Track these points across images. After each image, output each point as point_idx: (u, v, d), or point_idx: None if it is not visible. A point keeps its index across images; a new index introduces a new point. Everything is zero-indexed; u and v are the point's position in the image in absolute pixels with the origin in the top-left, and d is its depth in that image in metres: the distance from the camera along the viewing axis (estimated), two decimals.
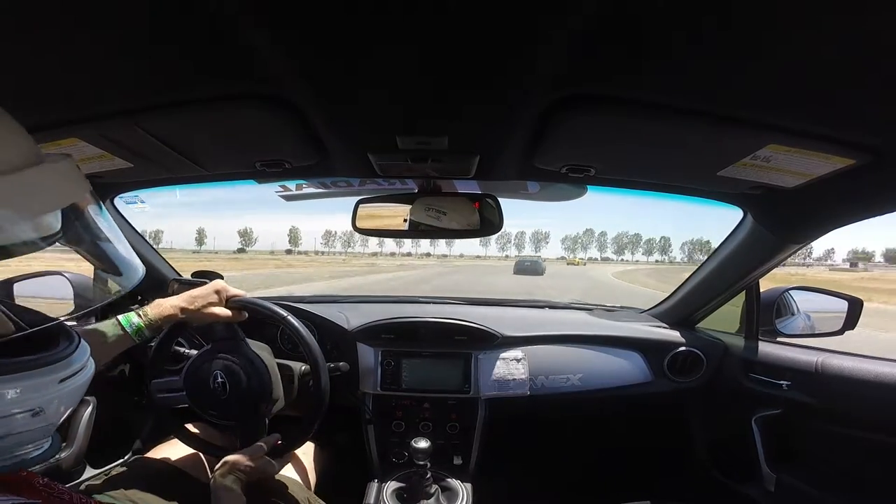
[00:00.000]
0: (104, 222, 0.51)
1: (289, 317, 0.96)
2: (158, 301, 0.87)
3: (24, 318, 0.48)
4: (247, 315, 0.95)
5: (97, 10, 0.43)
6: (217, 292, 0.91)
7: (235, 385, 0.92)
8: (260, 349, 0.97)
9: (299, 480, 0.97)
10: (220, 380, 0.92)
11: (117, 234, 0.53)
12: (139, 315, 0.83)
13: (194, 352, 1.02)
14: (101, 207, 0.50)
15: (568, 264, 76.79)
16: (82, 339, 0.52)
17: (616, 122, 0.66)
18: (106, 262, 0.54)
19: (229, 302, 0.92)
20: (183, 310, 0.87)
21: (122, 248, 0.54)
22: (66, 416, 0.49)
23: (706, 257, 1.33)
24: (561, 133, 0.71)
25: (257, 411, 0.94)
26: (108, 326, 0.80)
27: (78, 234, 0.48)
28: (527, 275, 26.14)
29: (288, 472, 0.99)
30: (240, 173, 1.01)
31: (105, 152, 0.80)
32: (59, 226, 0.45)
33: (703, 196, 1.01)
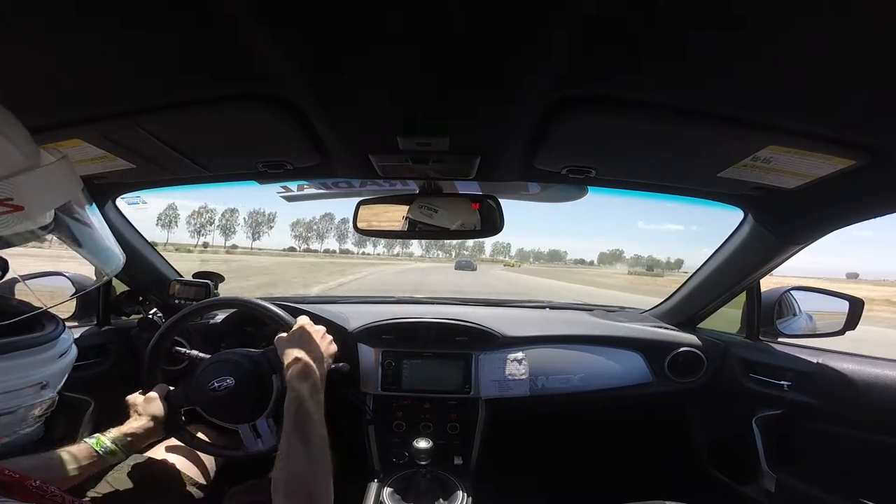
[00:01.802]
0: (91, 216, 0.55)
1: (276, 309, 0.96)
2: (133, 421, 0.86)
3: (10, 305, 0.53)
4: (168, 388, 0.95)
5: (98, 11, 0.44)
6: (135, 401, 0.91)
7: (238, 387, 0.91)
8: (259, 351, 0.97)
9: None
10: (225, 382, 0.91)
11: (102, 226, 0.58)
12: (112, 439, 0.81)
13: (194, 352, 1.02)
14: (90, 203, 0.55)
15: (504, 265, 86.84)
16: (63, 321, 0.57)
17: (616, 123, 0.66)
18: (90, 252, 0.58)
19: (145, 390, 0.93)
20: (145, 425, 0.86)
21: (105, 239, 0.58)
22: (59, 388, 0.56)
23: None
24: (561, 134, 0.71)
25: (259, 411, 0.93)
26: (79, 450, 0.78)
27: (66, 225, 0.52)
28: (463, 270, 37.53)
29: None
30: (241, 174, 1.02)
31: (107, 153, 0.81)
32: (51, 218, 0.50)
33: (703, 197, 1.01)
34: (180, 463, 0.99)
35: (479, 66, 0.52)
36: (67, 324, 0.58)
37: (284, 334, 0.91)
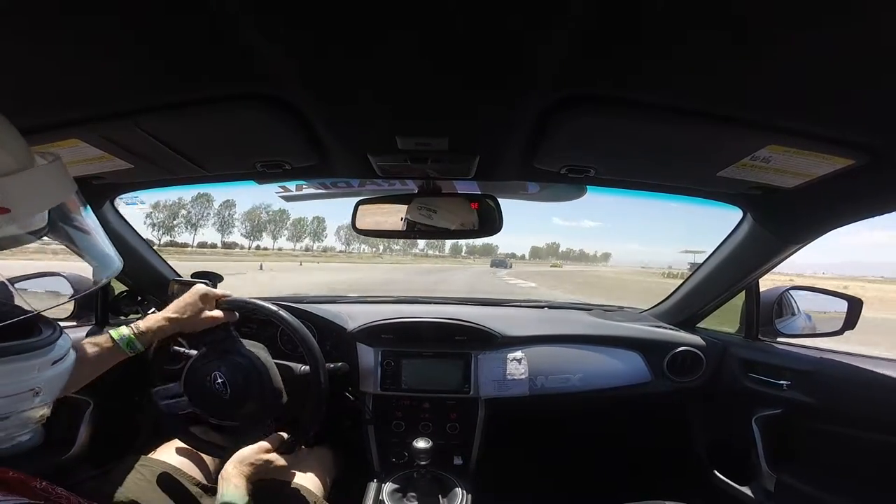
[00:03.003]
0: (86, 219, 0.55)
1: (281, 312, 0.96)
2: (150, 315, 0.88)
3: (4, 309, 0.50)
4: (237, 315, 0.95)
5: (97, 11, 0.43)
6: (203, 296, 0.91)
7: (236, 385, 0.91)
8: (256, 348, 0.97)
9: (306, 485, 0.96)
10: (219, 380, 0.91)
11: (97, 229, 0.57)
12: (131, 328, 0.84)
13: (194, 352, 1.02)
14: (85, 206, 0.54)
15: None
16: (61, 327, 0.55)
17: (616, 123, 0.66)
18: (86, 255, 0.57)
19: (219, 303, 0.93)
20: (173, 320, 0.88)
21: (101, 242, 0.57)
22: (55, 397, 0.54)
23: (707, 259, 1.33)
24: (561, 134, 0.71)
25: (260, 410, 0.94)
26: (99, 339, 0.81)
27: (61, 228, 0.52)
28: (498, 267, 44.16)
29: (295, 475, 0.99)
30: (240, 174, 1.02)
31: (105, 153, 0.80)
32: (45, 222, 0.49)
33: (702, 196, 1.01)
34: (180, 463, 0.99)
35: (478, 66, 0.52)
36: (66, 324, 0.58)
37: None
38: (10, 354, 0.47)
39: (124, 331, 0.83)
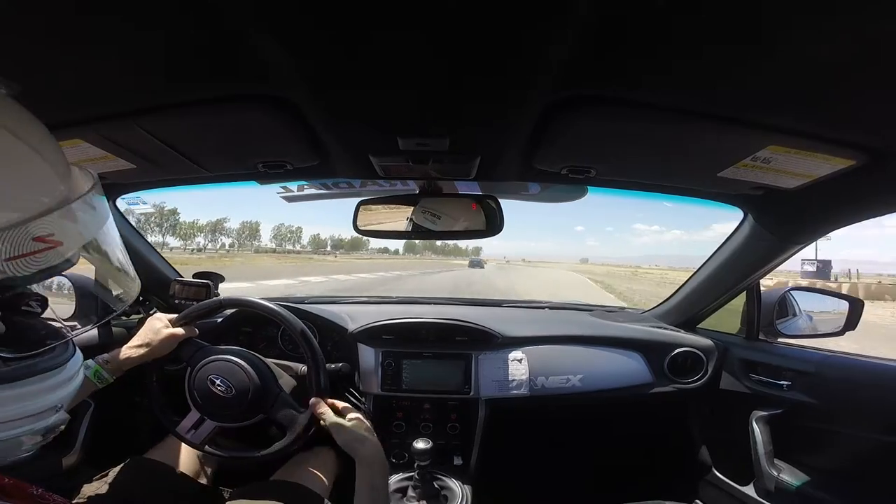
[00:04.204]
0: (116, 241, 0.54)
1: (282, 311, 0.95)
2: (118, 350, 0.89)
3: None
4: (197, 331, 0.98)
5: (98, 12, 0.44)
6: (157, 320, 0.94)
7: (233, 378, 0.91)
8: (230, 348, 0.97)
9: (307, 484, 0.96)
10: (218, 382, 0.91)
11: (123, 252, 0.56)
12: (97, 360, 0.85)
13: (205, 343, 1.02)
14: (116, 232, 0.54)
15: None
16: (74, 344, 0.54)
17: (616, 124, 0.66)
18: (113, 277, 0.57)
19: (175, 323, 0.95)
20: (136, 347, 0.89)
21: (126, 264, 0.57)
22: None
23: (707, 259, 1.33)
24: (562, 134, 0.71)
25: (265, 401, 0.92)
26: None
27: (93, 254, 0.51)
28: (474, 267, 47.75)
29: (297, 475, 0.98)
30: (241, 174, 1.02)
31: (107, 153, 0.81)
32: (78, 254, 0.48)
33: (703, 197, 1.01)
34: (180, 463, 0.99)
35: (478, 67, 0.52)
36: (66, 324, 0.56)
37: (343, 421, 0.84)
38: (36, 373, 0.47)
39: (90, 363, 0.84)
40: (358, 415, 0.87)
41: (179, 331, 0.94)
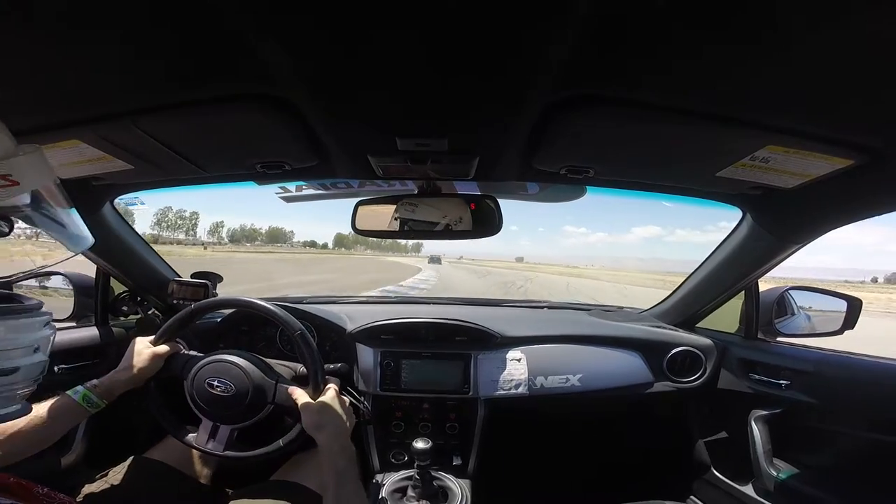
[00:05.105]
0: (62, 206, 0.62)
1: (278, 311, 0.95)
2: (106, 376, 0.89)
3: None
4: (180, 346, 0.98)
5: (96, 12, 0.43)
6: (140, 342, 0.94)
7: (229, 377, 0.91)
8: (220, 351, 0.97)
9: (306, 484, 0.96)
10: (216, 383, 0.91)
11: (73, 214, 0.64)
12: (86, 385, 0.85)
13: (193, 352, 1.02)
14: (62, 193, 0.61)
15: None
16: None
17: (615, 123, 0.66)
18: (60, 234, 0.65)
19: (156, 342, 0.95)
20: (124, 371, 0.90)
21: (74, 224, 0.65)
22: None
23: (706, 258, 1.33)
24: (560, 134, 0.71)
25: (266, 391, 0.92)
26: (56, 400, 0.82)
27: (41, 208, 0.59)
28: (433, 263, 49.03)
29: (297, 475, 0.98)
30: (239, 175, 1.01)
31: (105, 154, 0.80)
32: (29, 199, 0.57)
33: (702, 197, 1.02)
34: (180, 463, 0.99)
35: (478, 67, 0.52)
36: (67, 324, 0.60)
37: (313, 402, 0.86)
38: (20, 312, 0.57)
39: (78, 388, 0.84)
40: (331, 403, 0.85)
41: (163, 348, 0.94)
